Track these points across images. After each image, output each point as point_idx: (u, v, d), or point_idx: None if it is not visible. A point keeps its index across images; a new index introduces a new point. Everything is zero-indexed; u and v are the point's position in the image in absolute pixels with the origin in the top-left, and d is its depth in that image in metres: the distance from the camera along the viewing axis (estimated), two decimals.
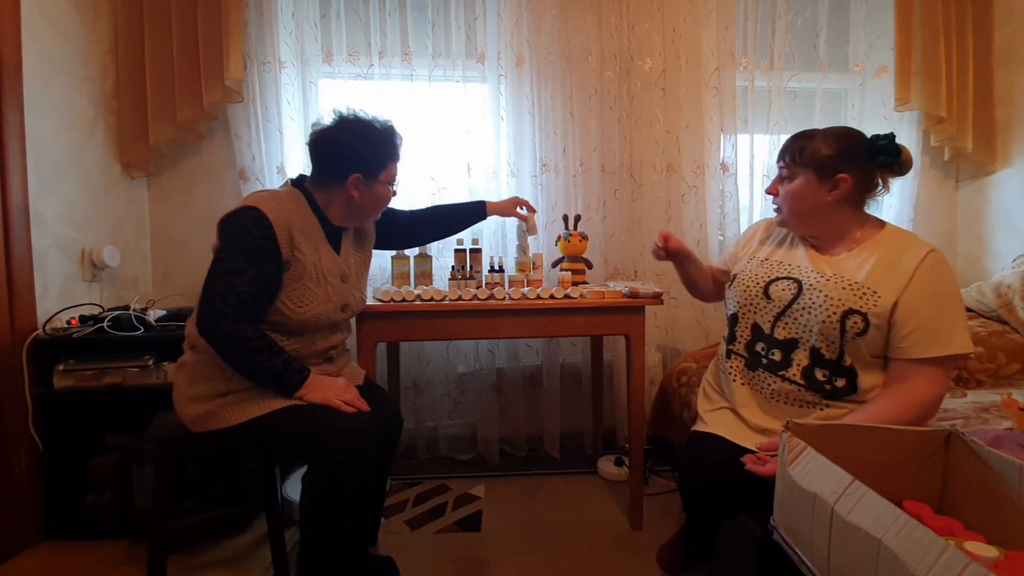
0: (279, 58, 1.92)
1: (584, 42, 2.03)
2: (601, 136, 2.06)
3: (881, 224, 1.11)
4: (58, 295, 1.60)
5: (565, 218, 1.88)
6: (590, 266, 1.87)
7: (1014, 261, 1.99)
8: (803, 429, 0.86)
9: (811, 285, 1.07)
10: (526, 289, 1.58)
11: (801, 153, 1.09)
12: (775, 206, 1.17)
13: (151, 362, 1.51)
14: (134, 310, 1.59)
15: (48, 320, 1.52)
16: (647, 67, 2.06)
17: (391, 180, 1.26)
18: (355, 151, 1.18)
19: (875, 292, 1.01)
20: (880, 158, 1.06)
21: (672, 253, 1.34)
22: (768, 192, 1.18)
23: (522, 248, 1.74)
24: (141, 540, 1.50)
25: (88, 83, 1.76)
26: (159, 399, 1.19)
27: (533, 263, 1.70)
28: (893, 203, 2.19)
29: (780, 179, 1.14)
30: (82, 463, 1.55)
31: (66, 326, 1.53)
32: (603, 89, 2.05)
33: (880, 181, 1.09)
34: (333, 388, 1.14)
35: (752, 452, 1.05)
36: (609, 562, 1.45)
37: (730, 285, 1.23)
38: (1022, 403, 1.28)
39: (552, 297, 1.55)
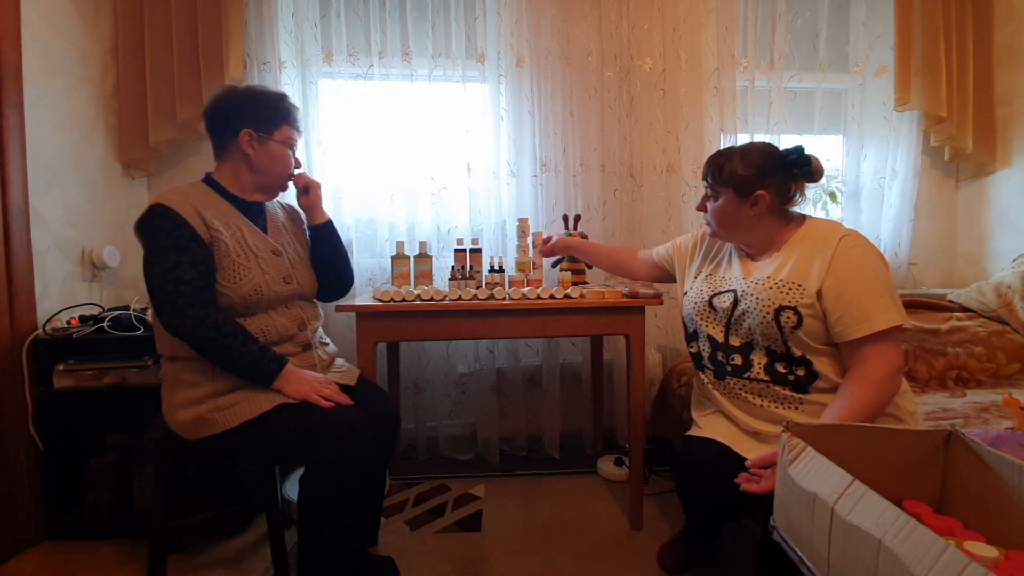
0: (279, 58, 1.92)
1: (584, 42, 2.03)
2: (601, 136, 2.06)
3: (802, 220, 1.16)
4: (58, 295, 1.60)
5: (565, 218, 1.88)
6: (590, 266, 1.87)
7: (1014, 261, 1.99)
8: (803, 429, 0.86)
9: (744, 292, 1.13)
10: (526, 289, 1.58)
11: (720, 173, 1.15)
12: (706, 222, 1.23)
13: (151, 362, 1.51)
14: (134, 310, 1.59)
15: (48, 320, 1.52)
16: (647, 67, 2.06)
17: (287, 142, 1.25)
18: (243, 107, 1.20)
19: (799, 285, 1.06)
20: (794, 171, 1.12)
21: (559, 250, 1.66)
22: (697, 209, 1.25)
23: (522, 248, 1.74)
24: (141, 540, 1.50)
25: (88, 83, 1.76)
26: (159, 399, 1.19)
27: (533, 263, 1.71)
28: (893, 203, 2.19)
29: (707, 197, 1.21)
30: (82, 463, 1.55)
31: (66, 326, 1.53)
32: (603, 89, 2.06)
33: (796, 190, 1.15)
34: (311, 383, 1.14)
35: (746, 457, 1.06)
36: (609, 562, 1.45)
37: (684, 307, 1.30)
38: (1023, 402, 1.28)
39: (552, 297, 1.55)
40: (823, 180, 1.20)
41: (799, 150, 1.11)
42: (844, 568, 0.67)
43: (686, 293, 1.31)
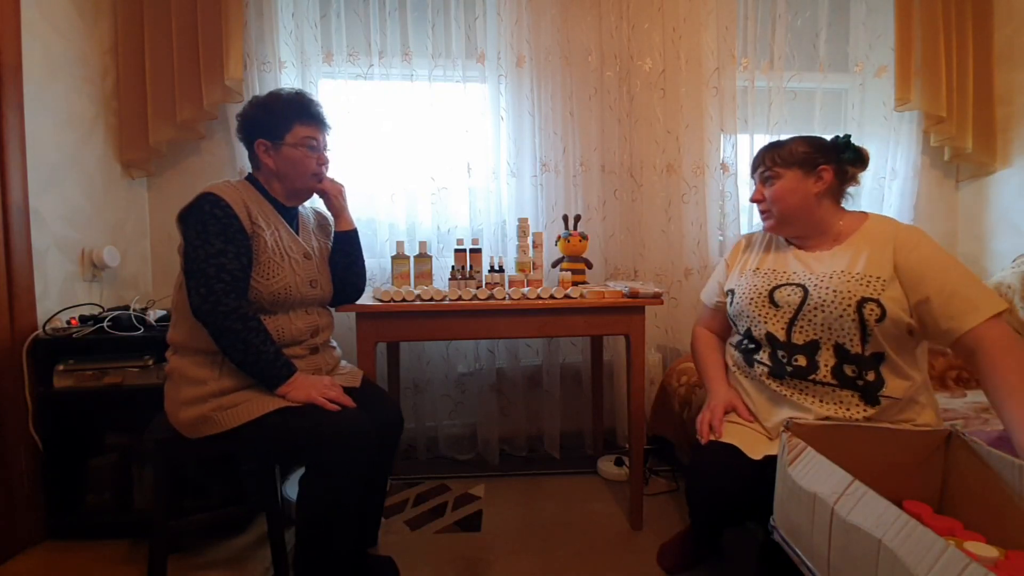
0: (279, 58, 1.92)
1: (584, 42, 2.03)
2: (601, 136, 2.06)
3: (864, 216, 1.15)
4: (58, 295, 1.60)
5: (565, 218, 1.88)
6: (590, 266, 1.87)
7: (1014, 261, 1.99)
8: (803, 429, 0.86)
9: (816, 285, 1.09)
10: (526, 289, 1.58)
11: (781, 153, 1.16)
12: (762, 211, 1.21)
13: (151, 362, 1.51)
14: (134, 310, 1.59)
15: (48, 320, 1.51)
16: (647, 67, 2.06)
17: (302, 143, 1.23)
18: (254, 118, 1.23)
19: (879, 278, 1.04)
20: (845, 155, 1.14)
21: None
22: (753, 200, 1.22)
23: (522, 248, 1.74)
24: (141, 540, 1.50)
25: (88, 83, 1.76)
26: (159, 399, 1.19)
27: (533, 263, 1.71)
28: (893, 203, 2.19)
29: (763, 185, 1.20)
30: (82, 463, 1.55)
31: (66, 326, 1.53)
32: (603, 89, 2.06)
33: (850, 176, 1.17)
34: (316, 386, 1.14)
35: (763, 459, 1.04)
36: (609, 562, 1.45)
37: (730, 303, 1.23)
38: None
39: (552, 297, 1.55)
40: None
41: (846, 137, 1.15)
42: (844, 568, 0.67)
43: (732, 291, 1.24)
